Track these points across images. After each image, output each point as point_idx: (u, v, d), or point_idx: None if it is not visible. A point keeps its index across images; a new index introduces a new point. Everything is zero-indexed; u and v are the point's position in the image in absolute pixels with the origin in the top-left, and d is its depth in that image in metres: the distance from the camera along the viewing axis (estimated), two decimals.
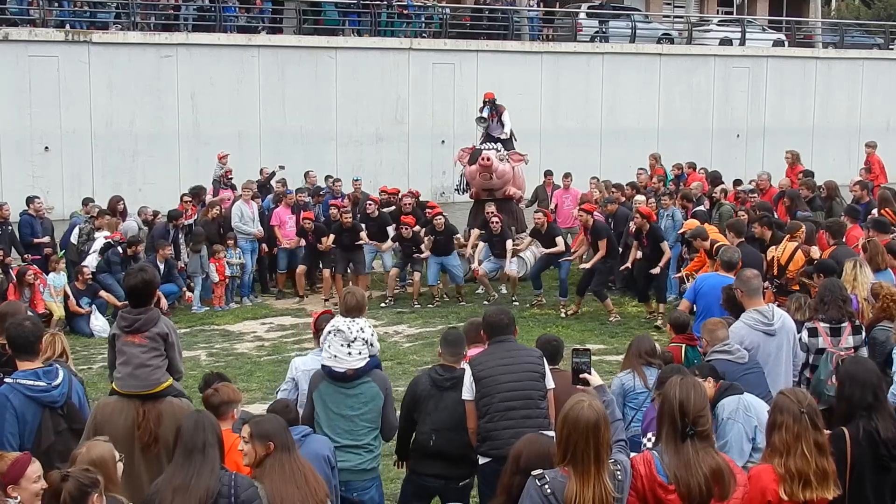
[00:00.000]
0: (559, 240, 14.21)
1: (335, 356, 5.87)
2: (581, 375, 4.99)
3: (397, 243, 14.78)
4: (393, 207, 15.61)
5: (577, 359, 4.94)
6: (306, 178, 17.87)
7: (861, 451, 4.90)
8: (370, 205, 15.06)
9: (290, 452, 4.65)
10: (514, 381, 5.75)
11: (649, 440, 5.31)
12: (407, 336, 13.00)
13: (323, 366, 5.94)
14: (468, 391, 5.82)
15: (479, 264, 14.71)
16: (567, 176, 17.27)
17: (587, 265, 13.70)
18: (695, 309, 8.57)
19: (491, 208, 14.90)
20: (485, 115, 16.32)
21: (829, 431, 4.74)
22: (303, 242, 15.13)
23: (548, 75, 26.21)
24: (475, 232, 15.14)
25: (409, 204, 15.17)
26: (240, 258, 15.13)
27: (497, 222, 14.45)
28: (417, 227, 14.76)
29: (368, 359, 5.96)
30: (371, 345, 5.98)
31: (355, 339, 5.88)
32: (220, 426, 4.60)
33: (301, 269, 15.12)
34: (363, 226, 15.00)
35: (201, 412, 4.69)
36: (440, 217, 14.58)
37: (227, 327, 13.62)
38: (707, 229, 11.67)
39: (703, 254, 11.46)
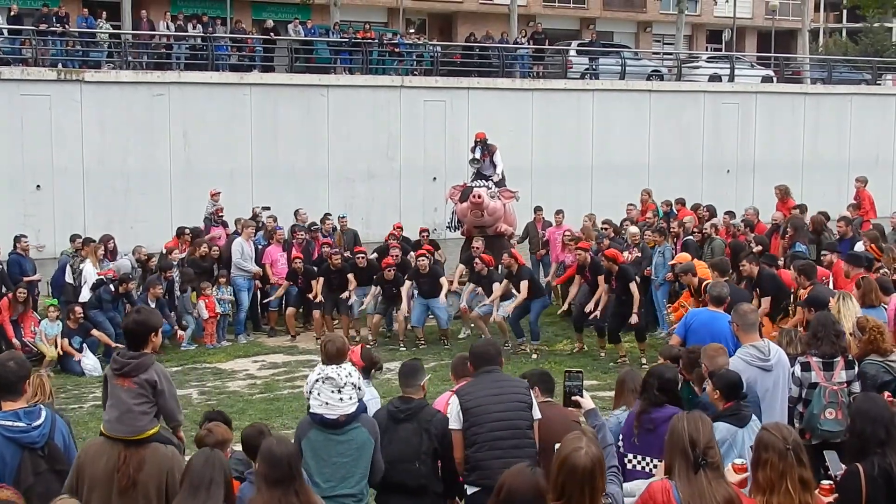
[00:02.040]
0: (523, 285, 13.69)
1: (326, 403, 5.84)
2: (573, 398, 4.99)
3: (380, 287, 14.50)
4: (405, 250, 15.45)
5: (570, 382, 4.94)
6: (296, 217, 17.91)
7: (876, 488, 4.88)
8: (360, 258, 14.78)
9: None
10: (502, 412, 5.79)
11: (655, 466, 5.32)
12: (389, 371, 12.95)
13: (313, 414, 5.91)
14: (455, 420, 5.85)
15: (469, 307, 14.55)
16: (559, 213, 17.33)
17: (591, 305, 13.52)
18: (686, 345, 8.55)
19: (478, 243, 14.80)
20: (477, 155, 16.45)
21: (843, 468, 4.74)
22: (291, 286, 15.14)
23: (538, 112, 26.39)
24: (460, 268, 15.09)
25: (396, 245, 15.19)
26: (231, 296, 15.11)
27: (479, 264, 14.23)
28: (400, 258, 14.74)
29: (357, 404, 5.94)
30: (359, 388, 5.97)
31: (345, 384, 5.86)
32: (229, 467, 4.57)
33: (291, 310, 15.14)
34: (351, 269, 14.91)
35: (214, 450, 4.68)
36: (423, 258, 14.39)
37: (219, 365, 13.59)
38: (696, 265, 11.70)
39: (688, 292, 11.48)
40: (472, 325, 14.85)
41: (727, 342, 7.40)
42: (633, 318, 12.89)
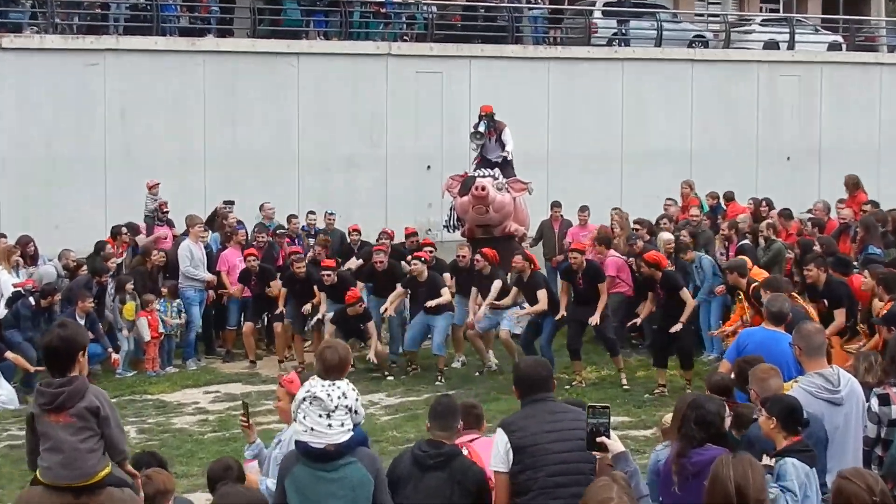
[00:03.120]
0: (542, 294, 13.77)
1: (312, 429, 5.82)
2: (598, 439, 4.92)
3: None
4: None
5: (594, 419, 4.91)
6: (261, 211, 17.86)
7: None
8: (327, 276, 14.56)
9: None
10: (564, 452, 5.74)
11: None
12: (385, 407, 12.95)
13: (297, 442, 5.87)
14: (501, 461, 5.80)
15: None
16: (584, 210, 17.29)
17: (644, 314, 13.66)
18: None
19: (463, 250, 14.77)
20: (481, 129, 16.36)
21: None
22: (246, 291, 15.03)
23: (556, 87, 26.32)
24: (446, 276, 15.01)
25: (384, 248, 15.16)
26: (179, 311, 15.04)
27: (480, 260, 14.23)
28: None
29: (352, 431, 5.91)
30: (355, 412, 5.96)
31: (337, 407, 5.85)
32: None
33: (248, 326, 15.02)
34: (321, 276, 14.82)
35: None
36: (419, 263, 14.26)
37: (163, 397, 13.61)
38: (754, 274, 11.68)
39: (741, 305, 11.46)
40: (462, 354, 14.83)
41: (789, 369, 7.41)
42: (676, 327, 12.83)
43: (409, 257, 14.83)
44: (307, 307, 14.53)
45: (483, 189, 15.36)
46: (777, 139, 28.73)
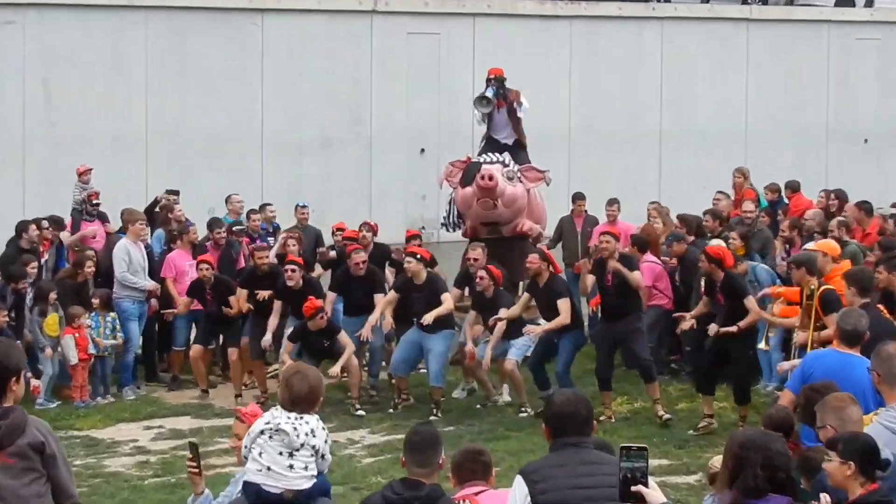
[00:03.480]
0: (563, 305, 13.64)
1: (269, 468, 5.89)
2: (633, 488, 4.94)
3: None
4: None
5: (628, 462, 4.94)
6: (227, 204, 17.82)
7: None
8: (290, 273, 14.37)
9: None
10: None
11: None
12: (368, 447, 12.94)
13: (247, 484, 5.89)
14: None
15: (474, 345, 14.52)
16: (612, 203, 17.27)
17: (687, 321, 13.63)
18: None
19: (476, 252, 14.63)
20: (489, 95, 16.32)
21: None
22: (197, 304, 15.03)
23: (579, 50, 26.32)
24: (455, 292, 14.84)
25: (365, 243, 15.13)
26: (114, 328, 15.03)
27: (484, 279, 14.19)
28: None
29: (315, 479, 5.98)
30: (322, 457, 6.05)
31: (303, 445, 5.93)
32: None
33: (196, 350, 14.97)
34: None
35: None
36: (412, 260, 14.16)
37: (94, 433, 13.58)
38: (836, 270, 11.67)
39: (794, 292, 11.52)
40: (472, 379, 14.80)
41: (866, 400, 7.45)
42: (731, 328, 12.82)
43: (404, 254, 14.62)
44: (266, 339, 14.50)
45: (490, 178, 15.31)
46: (851, 117, 28.73)
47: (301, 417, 6.01)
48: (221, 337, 15.62)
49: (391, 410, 14.18)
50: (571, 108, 25.94)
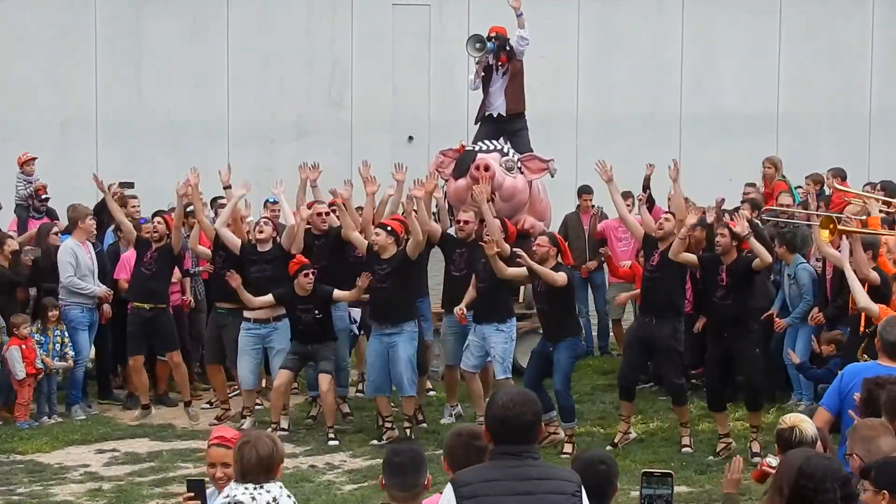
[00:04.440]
0: (560, 276, 13.40)
1: None
2: None
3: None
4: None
5: (650, 488, 4.97)
6: (213, 208, 17.82)
7: None
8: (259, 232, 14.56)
9: None
10: None
11: None
12: (349, 473, 12.92)
13: None
14: None
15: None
16: (626, 197, 17.25)
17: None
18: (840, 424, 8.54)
19: (467, 215, 14.40)
20: (490, 46, 16.20)
21: None
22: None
23: (589, 27, 26.36)
24: (473, 280, 14.79)
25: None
26: (63, 339, 15.01)
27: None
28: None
29: None
30: None
31: None
32: None
33: (135, 360, 14.94)
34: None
35: None
36: (381, 232, 13.76)
37: (40, 457, 13.51)
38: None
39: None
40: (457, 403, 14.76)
41: None
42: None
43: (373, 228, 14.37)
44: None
45: (486, 168, 15.28)
46: None
47: (261, 486, 6.08)
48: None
49: (375, 441, 13.94)
50: (580, 90, 25.98)
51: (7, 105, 22.43)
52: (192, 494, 6.50)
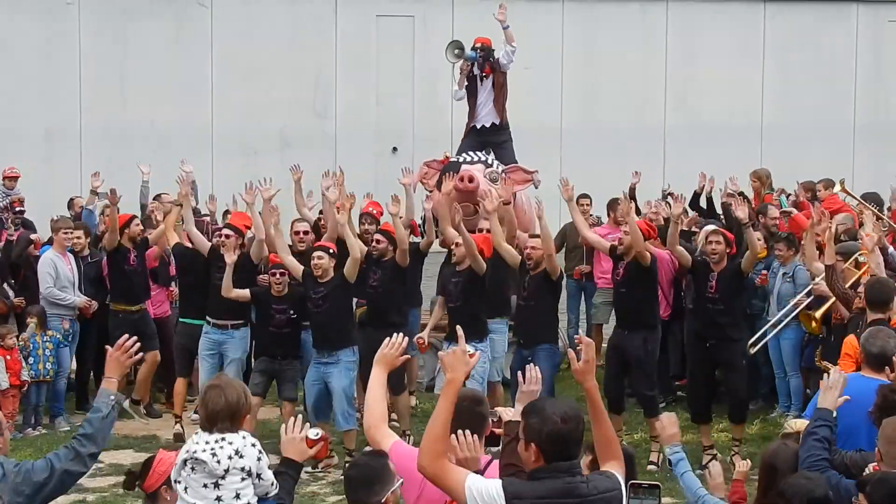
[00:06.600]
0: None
1: None
2: None
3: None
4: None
5: (637, 500, 5.00)
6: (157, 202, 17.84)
7: None
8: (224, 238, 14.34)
9: None
10: None
11: None
12: (333, 484, 12.91)
13: None
14: None
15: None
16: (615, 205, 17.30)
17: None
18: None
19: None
20: (470, 54, 16.22)
21: None
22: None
23: (574, 36, 26.38)
24: (440, 300, 14.71)
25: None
26: (51, 345, 15.00)
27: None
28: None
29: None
30: (258, 476, 6.00)
31: (227, 471, 5.90)
32: None
33: (143, 371, 14.99)
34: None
35: None
36: (323, 256, 13.34)
37: None
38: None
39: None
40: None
41: None
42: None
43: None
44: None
45: (471, 179, 15.25)
46: (884, 109, 28.80)
47: (223, 439, 5.97)
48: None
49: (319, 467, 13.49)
50: (564, 100, 25.99)
51: None
52: None
